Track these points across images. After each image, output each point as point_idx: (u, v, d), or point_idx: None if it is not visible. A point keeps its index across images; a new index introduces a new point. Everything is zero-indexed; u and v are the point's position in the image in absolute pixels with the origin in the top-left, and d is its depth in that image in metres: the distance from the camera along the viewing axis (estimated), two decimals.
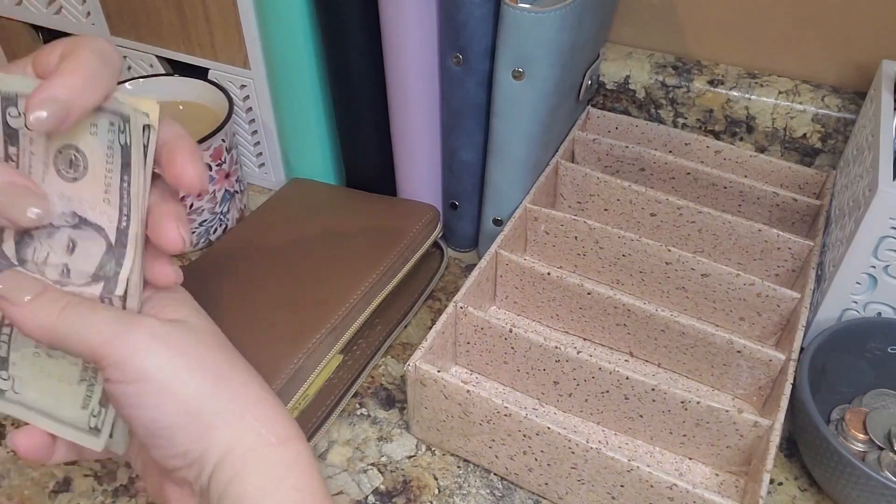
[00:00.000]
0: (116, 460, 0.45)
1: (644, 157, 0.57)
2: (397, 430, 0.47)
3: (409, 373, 0.42)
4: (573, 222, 0.52)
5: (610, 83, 0.61)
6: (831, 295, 0.46)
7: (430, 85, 0.50)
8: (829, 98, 0.55)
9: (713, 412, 0.41)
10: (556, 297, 0.50)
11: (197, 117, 0.58)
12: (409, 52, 0.48)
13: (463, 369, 0.50)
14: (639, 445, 0.45)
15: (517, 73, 0.46)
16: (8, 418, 0.47)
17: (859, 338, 0.46)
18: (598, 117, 0.62)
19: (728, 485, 0.43)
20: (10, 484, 0.44)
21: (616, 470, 0.38)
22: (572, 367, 0.44)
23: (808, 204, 0.53)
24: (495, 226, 0.54)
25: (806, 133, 0.57)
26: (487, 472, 0.44)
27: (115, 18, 0.60)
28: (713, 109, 0.59)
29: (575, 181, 0.56)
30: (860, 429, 0.44)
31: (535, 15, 0.43)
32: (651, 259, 0.50)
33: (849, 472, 0.38)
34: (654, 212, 0.54)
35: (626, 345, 0.50)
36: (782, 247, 0.50)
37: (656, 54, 0.61)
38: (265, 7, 0.51)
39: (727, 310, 0.50)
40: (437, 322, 0.44)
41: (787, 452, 0.45)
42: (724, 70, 0.59)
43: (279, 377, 0.41)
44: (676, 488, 0.36)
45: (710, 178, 0.55)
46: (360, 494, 0.43)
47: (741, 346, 0.44)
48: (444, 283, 0.57)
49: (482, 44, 0.46)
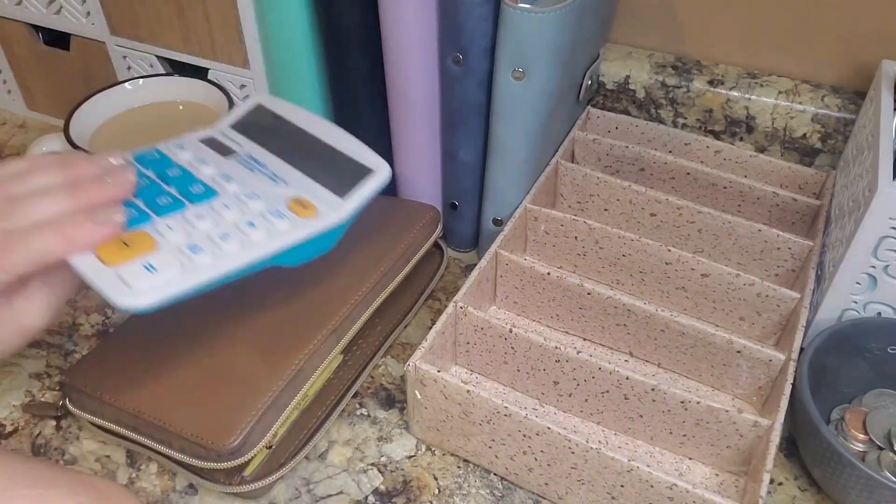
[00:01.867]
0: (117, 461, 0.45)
1: (644, 157, 0.57)
2: (397, 430, 0.47)
3: (409, 373, 0.42)
4: (573, 222, 0.52)
5: (610, 83, 0.61)
6: (831, 295, 0.46)
7: (430, 85, 0.50)
8: (829, 98, 0.55)
9: (713, 412, 0.41)
10: (556, 297, 0.50)
11: (197, 117, 0.58)
12: (409, 52, 0.48)
13: (463, 369, 0.50)
14: (639, 445, 0.45)
15: (517, 73, 0.46)
16: (7, 418, 0.47)
17: (859, 338, 0.46)
18: (598, 117, 0.62)
19: (728, 485, 0.43)
20: None
21: (616, 470, 0.38)
22: (572, 367, 0.44)
23: (807, 204, 0.53)
24: (495, 226, 0.54)
25: (806, 133, 0.57)
26: (487, 472, 0.44)
27: (115, 18, 0.60)
28: (713, 109, 0.59)
29: (575, 181, 0.56)
30: (860, 429, 0.44)
31: (535, 15, 0.43)
32: (651, 259, 0.50)
33: (849, 472, 0.38)
34: (654, 212, 0.54)
35: (626, 345, 0.50)
36: (782, 247, 0.50)
37: (656, 54, 0.61)
38: (265, 7, 0.51)
39: (727, 310, 0.50)
40: (437, 322, 0.44)
41: (787, 452, 0.45)
42: (723, 70, 0.59)
43: (280, 378, 0.41)
44: (676, 488, 0.36)
45: (709, 178, 0.55)
46: (360, 494, 0.43)
47: (741, 346, 0.44)
48: (444, 283, 0.57)
49: (482, 44, 0.46)
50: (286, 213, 0.40)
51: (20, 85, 0.71)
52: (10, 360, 0.50)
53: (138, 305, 0.33)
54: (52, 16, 0.63)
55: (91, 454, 0.45)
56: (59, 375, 0.50)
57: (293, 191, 0.42)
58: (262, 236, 0.38)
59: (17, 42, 0.67)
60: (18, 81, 0.71)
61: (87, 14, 0.61)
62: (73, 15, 0.62)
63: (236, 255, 0.37)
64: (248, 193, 0.41)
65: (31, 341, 0.36)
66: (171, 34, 0.58)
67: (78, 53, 0.65)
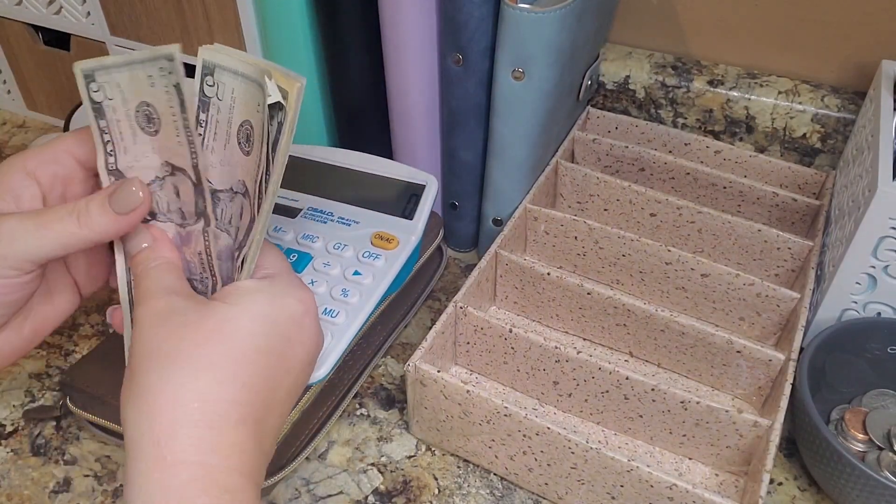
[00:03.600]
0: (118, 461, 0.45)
1: (644, 157, 0.57)
2: (397, 431, 0.47)
3: (409, 373, 0.42)
4: (573, 222, 0.52)
5: (610, 83, 0.61)
6: (831, 295, 0.46)
7: (430, 85, 0.50)
8: (829, 98, 0.55)
9: (713, 412, 0.41)
10: (556, 297, 0.50)
11: None
12: (409, 52, 0.48)
13: (463, 369, 0.50)
14: (638, 445, 0.45)
15: (517, 73, 0.46)
16: (7, 418, 0.47)
17: (859, 338, 0.46)
18: (597, 117, 0.62)
19: (728, 485, 0.43)
20: (10, 484, 0.44)
21: (616, 470, 0.38)
22: (572, 367, 0.44)
23: (807, 204, 0.53)
24: (495, 226, 0.54)
25: (806, 133, 0.57)
26: (487, 472, 0.44)
27: (114, 18, 0.60)
28: (713, 109, 0.59)
29: (575, 181, 0.56)
30: (860, 429, 0.44)
31: (535, 15, 0.43)
32: (651, 259, 0.50)
33: (848, 472, 0.38)
34: (654, 212, 0.54)
35: (626, 345, 0.50)
36: (782, 247, 0.50)
37: (656, 54, 0.61)
38: (265, 7, 0.51)
39: (727, 310, 0.50)
40: (437, 322, 0.44)
41: (786, 452, 0.45)
42: (723, 70, 0.59)
43: None
44: (676, 488, 0.36)
45: (709, 178, 0.55)
46: (359, 494, 0.43)
47: (741, 346, 0.44)
48: (443, 284, 0.57)
49: (482, 44, 0.46)
50: (376, 251, 0.44)
51: (20, 85, 0.71)
52: None
53: (320, 377, 0.39)
54: (52, 16, 0.63)
55: (91, 454, 0.45)
56: (59, 375, 0.50)
57: (368, 228, 0.46)
58: (370, 280, 0.43)
59: (17, 42, 0.67)
60: (18, 81, 0.71)
61: (87, 14, 0.61)
62: (73, 15, 0.62)
63: (362, 305, 0.42)
64: (335, 245, 0.45)
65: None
66: (171, 34, 0.58)
67: (78, 53, 0.65)
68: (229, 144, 0.33)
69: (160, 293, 0.32)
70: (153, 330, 0.30)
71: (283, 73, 0.30)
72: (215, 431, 0.28)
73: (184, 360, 0.29)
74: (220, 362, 0.29)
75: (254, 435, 0.29)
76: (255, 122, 0.31)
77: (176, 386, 0.28)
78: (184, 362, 0.29)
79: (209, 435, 0.28)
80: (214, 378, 0.29)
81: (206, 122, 0.33)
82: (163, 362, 0.29)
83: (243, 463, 0.28)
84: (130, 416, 0.29)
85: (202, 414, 0.28)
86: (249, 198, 0.32)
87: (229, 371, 0.29)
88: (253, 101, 0.31)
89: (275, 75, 0.30)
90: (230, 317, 0.31)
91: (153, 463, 0.27)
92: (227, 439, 0.28)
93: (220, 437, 0.28)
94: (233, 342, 0.30)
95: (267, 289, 0.32)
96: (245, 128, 0.32)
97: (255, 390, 0.30)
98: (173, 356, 0.29)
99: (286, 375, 0.32)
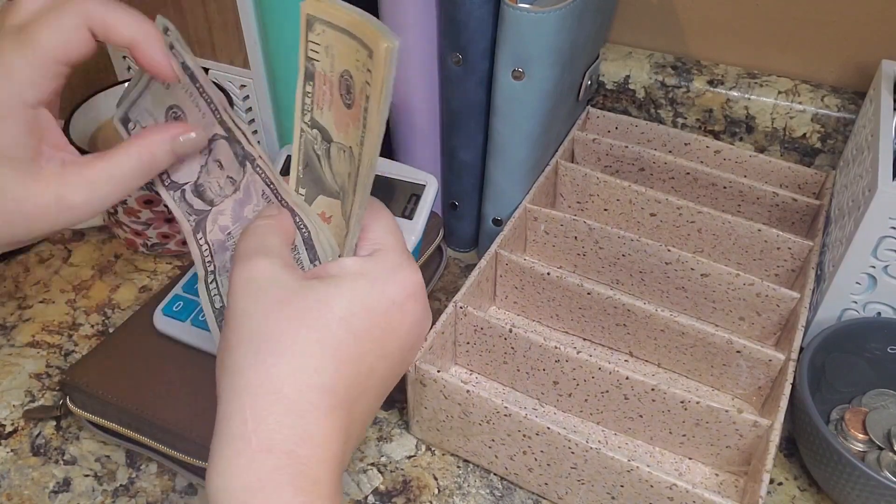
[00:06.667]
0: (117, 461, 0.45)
1: (644, 157, 0.57)
2: (397, 430, 0.47)
3: (408, 373, 0.42)
4: (573, 222, 0.52)
5: (610, 83, 0.61)
6: (831, 295, 0.46)
7: (430, 85, 0.50)
8: (829, 98, 0.56)
9: (713, 412, 0.41)
10: (556, 297, 0.50)
11: None
12: (409, 53, 0.48)
13: (463, 369, 0.50)
14: (638, 445, 0.45)
15: (517, 73, 0.46)
16: (7, 418, 0.47)
17: (859, 338, 0.46)
18: (597, 117, 0.62)
19: (728, 485, 0.43)
20: (10, 484, 0.44)
21: (616, 470, 0.38)
22: (572, 367, 0.44)
23: (807, 204, 0.53)
24: (495, 226, 0.54)
25: (805, 133, 0.57)
26: (487, 472, 0.44)
27: None
28: (713, 109, 0.59)
29: (575, 181, 0.56)
30: (860, 429, 0.44)
31: (535, 15, 0.43)
32: (651, 259, 0.50)
33: (848, 472, 0.38)
34: (654, 212, 0.54)
35: (626, 345, 0.50)
36: (782, 247, 0.50)
37: (656, 54, 0.61)
38: (265, 7, 0.51)
39: (727, 310, 0.50)
40: (437, 322, 0.44)
41: (786, 452, 0.45)
42: (723, 70, 0.59)
43: None
44: (676, 488, 0.36)
45: (709, 178, 0.55)
46: (359, 494, 0.43)
47: (741, 346, 0.44)
48: (443, 284, 0.57)
49: (482, 44, 0.46)
50: None
51: None
52: (10, 360, 0.50)
53: None
54: None
55: (91, 454, 0.45)
56: (59, 375, 0.50)
57: None
58: None
59: None
60: None
61: None
62: None
63: None
64: None
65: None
66: None
67: None
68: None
69: (262, 255, 0.31)
70: (249, 300, 0.30)
71: (374, 29, 0.28)
72: (305, 420, 0.28)
73: (278, 342, 0.28)
74: (315, 348, 0.29)
75: (343, 423, 0.29)
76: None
77: (269, 367, 0.28)
78: (278, 344, 0.28)
79: (300, 424, 0.27)
80: (309, 364, 0.28)
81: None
82: (256, 341, 0.29)
83: (330, 452, 0.28)
84: (225, 389, 0.28)
85: (293, 401, 0.28)
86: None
87: (323, 357, 0.29)
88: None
89: (366, 31, 0.28)
90: (328, 299, 0.30)
91: (240, 443, 0.27)
92: (316, 429, 0.28)
93: (310, 426, 0.28)
94: (327, 328, 0.29)
95: (370, 271, 0.31)
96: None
97: (348, 377, 0.29)
98: (267, 336, 0.29)
99: (381, 360, 0.31)
